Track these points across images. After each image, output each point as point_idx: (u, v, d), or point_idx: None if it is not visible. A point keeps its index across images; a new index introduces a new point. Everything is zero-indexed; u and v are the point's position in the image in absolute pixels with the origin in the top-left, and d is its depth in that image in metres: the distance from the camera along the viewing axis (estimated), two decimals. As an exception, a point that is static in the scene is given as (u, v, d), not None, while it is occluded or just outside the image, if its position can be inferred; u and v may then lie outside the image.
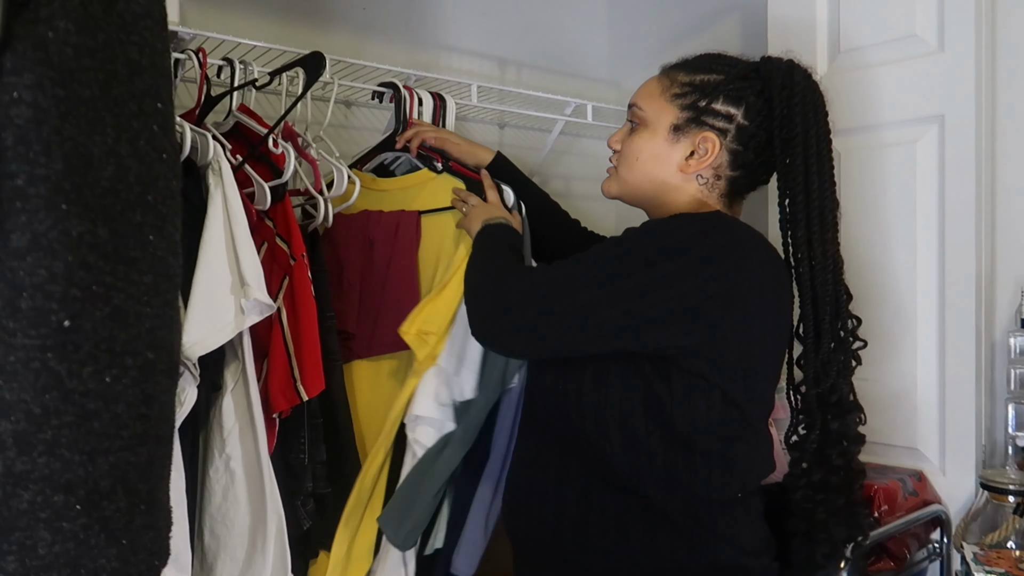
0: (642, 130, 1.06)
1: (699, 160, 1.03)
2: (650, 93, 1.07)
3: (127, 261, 0.64)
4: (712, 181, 1.04)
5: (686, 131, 1.03)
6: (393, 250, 1.32)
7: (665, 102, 1.05)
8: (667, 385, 0.94)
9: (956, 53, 1.30)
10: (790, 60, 1.04)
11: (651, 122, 1.05)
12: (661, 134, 1.05)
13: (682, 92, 1.04)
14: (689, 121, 1.03)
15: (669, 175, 1.05)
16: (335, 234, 1.37)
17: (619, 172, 1.10)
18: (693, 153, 1.03)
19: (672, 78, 1.06)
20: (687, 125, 1.03)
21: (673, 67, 1.08)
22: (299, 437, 1.16)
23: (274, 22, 1.57)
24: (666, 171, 1.05)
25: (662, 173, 1.05)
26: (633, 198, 1.11)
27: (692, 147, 1.03)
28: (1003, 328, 1.31)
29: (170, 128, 0.70)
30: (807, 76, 1.03)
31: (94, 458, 0.62)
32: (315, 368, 1.12)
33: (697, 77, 1.04)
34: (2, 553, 0.59)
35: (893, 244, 1.37)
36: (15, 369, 0.59)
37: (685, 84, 1.04)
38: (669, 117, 1.04)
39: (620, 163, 1.10)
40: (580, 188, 2.10)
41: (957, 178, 1.30)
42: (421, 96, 1.43)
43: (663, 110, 1.05)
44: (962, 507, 1.30)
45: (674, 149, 1.04)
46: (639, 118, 1.07)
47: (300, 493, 1.15)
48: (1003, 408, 1.29)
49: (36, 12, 0.58)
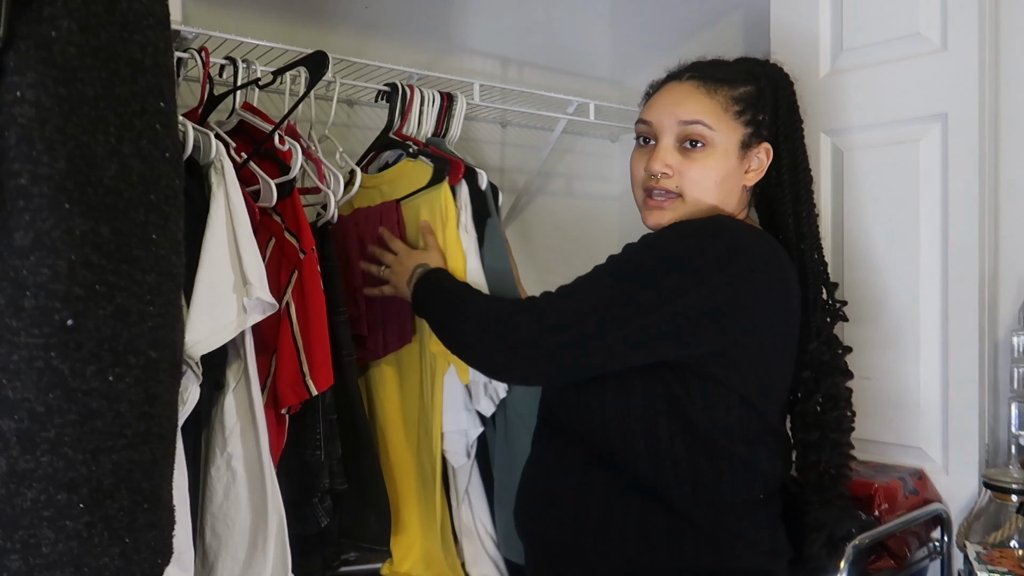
0: (710, 150, 1.01)
1: (757, 172, 1.05)
2: (712, 110, 1.01)
3: (130, 260, 0.64)
4: (753, 187, 1.07)
5: (751, 145, 1.04)
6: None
7: (730, 119, 1.02)
8: (686, 389, 0.95)
9: (959, 51, 1.30)
10: (770, 60, 1.10)
11: (719, 142, 1.01)
12: (732, 152, 1.02)
13: (741, 109, 1.02)
14: (752, 136, 1.03)
15: (735, 190, 1.04)
16: (337, 235, 1.38)
17: (688, 198, 1.01)
18: (751, 164, 1.04)
19: (720, 92, 1.02)
20: (751, 140, 1.03)
21: (706, 80, 1.03)
22: (315, 434, 1.16)
23: (277, 21, 1.57)
24: (735, 187, 1.04)
25: (731, 190, 1.04)
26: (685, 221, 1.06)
27: (752, 160, 1.04)
28: (1006, 327, 1.31)
29: (173, 127, 0.70)
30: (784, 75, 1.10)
31: (97, 457, 0.62)
32: (324, 362, 1.12)
33: (740, 90, 1.03)
34: (6, 551, 0.60)
35: (896, 243, 1.37)
36: (19, 368, 0.59)
37: (737, 99, 1.03)
38: (737, 135, 1.02)
39: (689, 188, 1.01)
40: (582, 187, 2.10)
41: (960, 177, 1.30)
42: (425, 94, 1.43)
43: (731, 128, 1.02)
44: (965, 506, 1.29)
45: (741, 166, 1.04)
46: (706, 137, 1.00)
47: (317, 490, 1.15)
48: (1006, 407, 1.29)
49: (39, 12, 0.58)
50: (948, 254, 1.31)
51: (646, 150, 1.05)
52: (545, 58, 2.02)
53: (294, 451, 1.14)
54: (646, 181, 1.03)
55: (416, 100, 1.41)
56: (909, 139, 1.36)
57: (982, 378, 1.30)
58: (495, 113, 1.88)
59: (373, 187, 1.40)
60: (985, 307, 1.30)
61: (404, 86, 1.42)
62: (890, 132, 1.38)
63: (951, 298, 1.31)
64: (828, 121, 1.44)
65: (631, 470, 0.97)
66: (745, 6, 1.79)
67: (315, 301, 1.13)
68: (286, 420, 1.13)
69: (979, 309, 1.29)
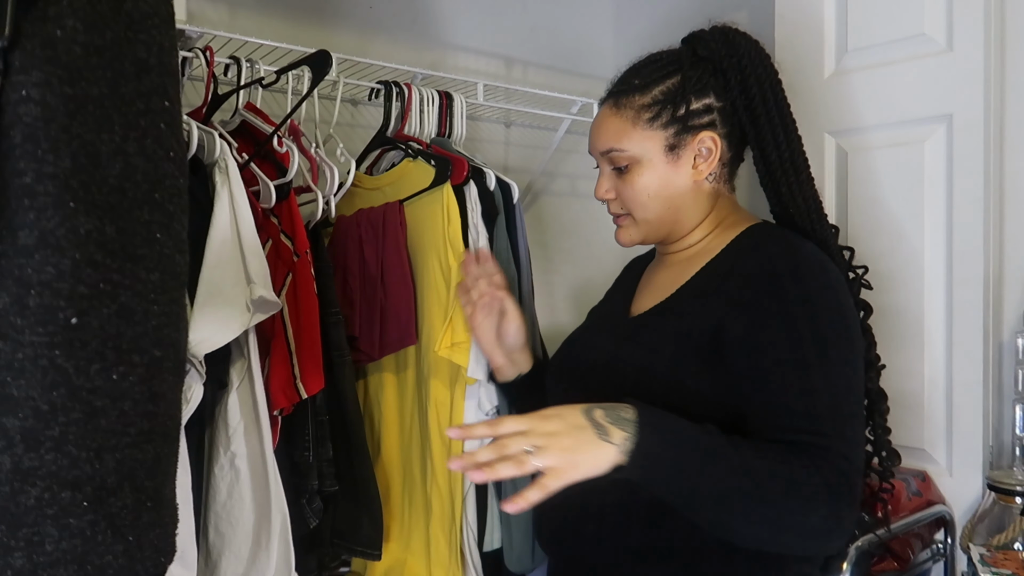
0: (634, 167, 1.02)
1: (707, 161, 1.03)
2: (620, 131, 1.03)
3: (134, 259, 0.64)
4: (719, 172, 1.05)
5: (681, 144, 1.02)
6: (383, 246, 1.33)
7: (642, 131, 1.02)
8: None
9: (965, 52, 1.29)
10: (719, 27, 1.06)
11: (640, 156, 1.02)
12: (658, 161, 1.02)
13: (654, 114, 1.01)
14: (678, 134, 1.02)
15: (685, 190, 1.04)
16: (338, 236, 1.38)
17: (635, 217, 1.05)
18: (695, 158, 1.03)
19: (629, 106, 1.02)
20: (678, 138, 1.02)
21: (619, 96, 1.04)
22: (304, 434, 1.17)
23: (281, 20, 1.58)
24: (681, 189, 1.03)
25: (678, 193, 1.03)
26: (657, 233, 1.07)
27: (694, 153, 1.03)
28: (1011, 328, 1.31)
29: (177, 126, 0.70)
30: (742, 34, 1.05)
31: (101, 455, 0.62)
32: (315, 365, 1.12)
33: (654, 91, 1.02)
34: (9, 549, 0.60)
35: (900, 244, 1.37)
36: (23, 366, 0.59)
37: (649, 105, 1.01)
38: (657, 142, 1.02)
39: (631, 208, 1.05)
40: (586, 187, 2.09)
41: (965, 178, 1.30)
42: (424, 93, 1.43)
43: (646, 139, 1.02)
44: (969, 508, 1.29)
45: (678, 166, 1.03)
46: (623, 160, 1.03)
47: (306, 491, 1.15)
48: (1011, 409, 1.28)
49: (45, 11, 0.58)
50: (953, 255, 1.31)
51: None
52: (549, 58, 2.02)
53: (283, 451, 1.13)
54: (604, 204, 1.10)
55: (415, 99, 1.41)
56: (914, 140, 1.35)
57: (986, 380, 1.29)
58: (499, 113, 1.88)
59: (376, 188, 1.40)
60: (990, 308, 1.30)
61: (401, 85, 1.42)
62: (895, 133, 1.38)
63: (955, 299, 1.31)
64: (832, 122, 1.44)
65: None
66: (749, 6, 1.79)
67: (308, 304, 1.14)
68: (278, 421, 1.13)
69: (983, 310, 1.29)
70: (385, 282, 1.32)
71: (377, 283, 1.32)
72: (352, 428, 1.24)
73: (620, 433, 0.78)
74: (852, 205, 1.43)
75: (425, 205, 1.32)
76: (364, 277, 1.34)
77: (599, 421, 0.78)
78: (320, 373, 1.12)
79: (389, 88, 1.41)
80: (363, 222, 1.36)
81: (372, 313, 1.33)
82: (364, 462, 1.25)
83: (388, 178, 1.39)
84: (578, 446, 0.76)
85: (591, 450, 0.77)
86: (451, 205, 1.29)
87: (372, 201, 1.38)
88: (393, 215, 1.33)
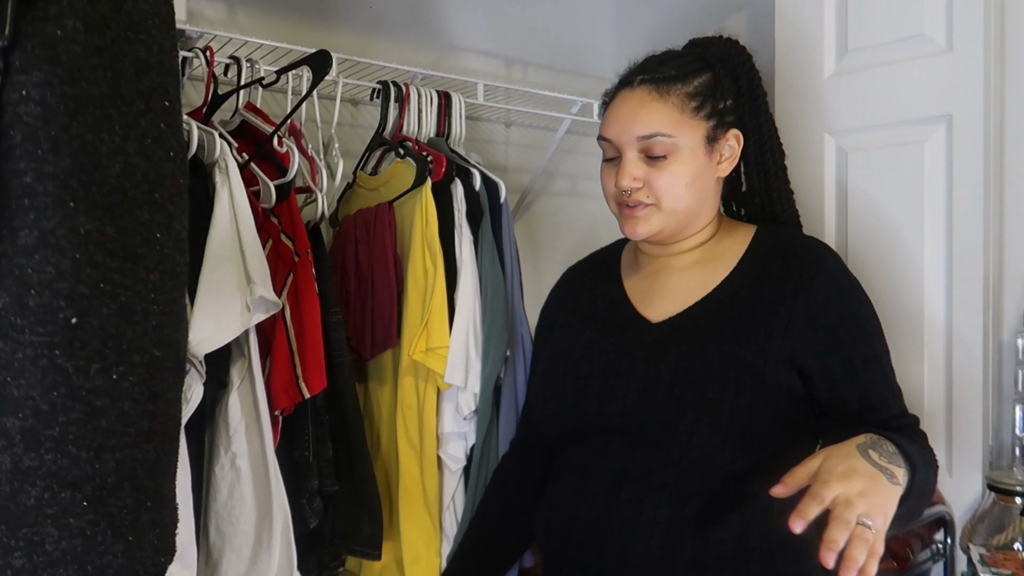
0: (674, 156, 0.99)
1: (729, 159, 1.05)
2: (668, 116, 0.99)
3: (134, 259, 0.64)
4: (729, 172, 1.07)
5: (717, 138, 1.02)
6: (372, 246, 1.33)
7: (689, 119, 0.99)
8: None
9: (965, 52, 1.29)
10: (722, 36, 1.09)
11: (683, 145, 0.99)
12: (699, 151, 1.00)
13: (698, 104, 1.00)
14: (716, 127, 1.02)
15: (711, 185, 1.04)
16: (339, 237, 1.38)
17: (663, 207, 1.00)
18: (720, 155, 1.04)
19: (675, 93, 1.00)
20: (716, 132, 1.02)
21: (659, 83, 1.00)
22: (304, 434, 1.16)
23: (281, 20, 1.58)
24: (709, 182, 1.03)
25: (707, 186, 1.03)
26: (677, 225, 1.02)
27: (721, 150, 1.03)
28: (1011, 328, 1.31)
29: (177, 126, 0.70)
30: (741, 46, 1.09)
31: (101, 455, 0.62)
32: (317, 365, 1.12)
33: (694, 83, 1.01)
34: (9, 549, 0.60)
35: (900, 244, 1.37)
36: (23, 366, 0.59)
37: (693, 95, 1.00)
38: (700, 132, 1.00)
39: (661, 197, 0.99)
40: (586, 187, 2.10)
41: (965, 178, 1.29)
42: (422, 93, 1.43)
43: (692, 127, 1.00)
44: (969, 508, 1.29)
45: (711, 160, 1.03)
46: (665, 147, 0.98)
47: (305, 491, 1.15)
48: (1011, 409, 1.28)
49: (45, 10, 0.58)
50: (952, 255, 1.31)
51: (613, 164, 1.02)
52: (549, 58, 2.02)
53: (283, 451, 1.13)
54: (619, 196, 1.02)
55: (413, 99, 1.41)
56: (914, 140, 1.35)
57: (986, 380, 1.29)
58: (499, 113, 1.88)
59: (374, 188, 1.40)
60: (989, 309, 1.30)
61: (400, 85, 1.42)
62: (894, 133, 1.38)
63: (955, 299, 1.31)
64: (832, 122, 1.44)
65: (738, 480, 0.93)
66: (750, 6, 1.79)
67: (309, 304, 1.14)
68: (279, 421, 1.13)
69: (983, 311, 1.29)
70: (373, 282, 1.32)
71: (368, 283, 1.32)
72: (352, 428, 1.24)
73: (900, 471, 0.80)
74: (852, 205, 1.43)
75: (411, 205, 1.32)
76: (358, 277, 1.34)
77: (882, 464, 0.78)
78: (322, 373, 1.12)
79: (387, 88, 1.41)
80: (359, 223, 1.36)
81: (364, 313, 1.33)
82: (364, 462, 1.25)
83: (383, 179, 1.39)
84: (886, 501, 0.75)
85: (893, 499, 0.77)
86: (429, 205, 1.29)
87: (371, 201, 1.38)
88: (383, 216, 1.33)
